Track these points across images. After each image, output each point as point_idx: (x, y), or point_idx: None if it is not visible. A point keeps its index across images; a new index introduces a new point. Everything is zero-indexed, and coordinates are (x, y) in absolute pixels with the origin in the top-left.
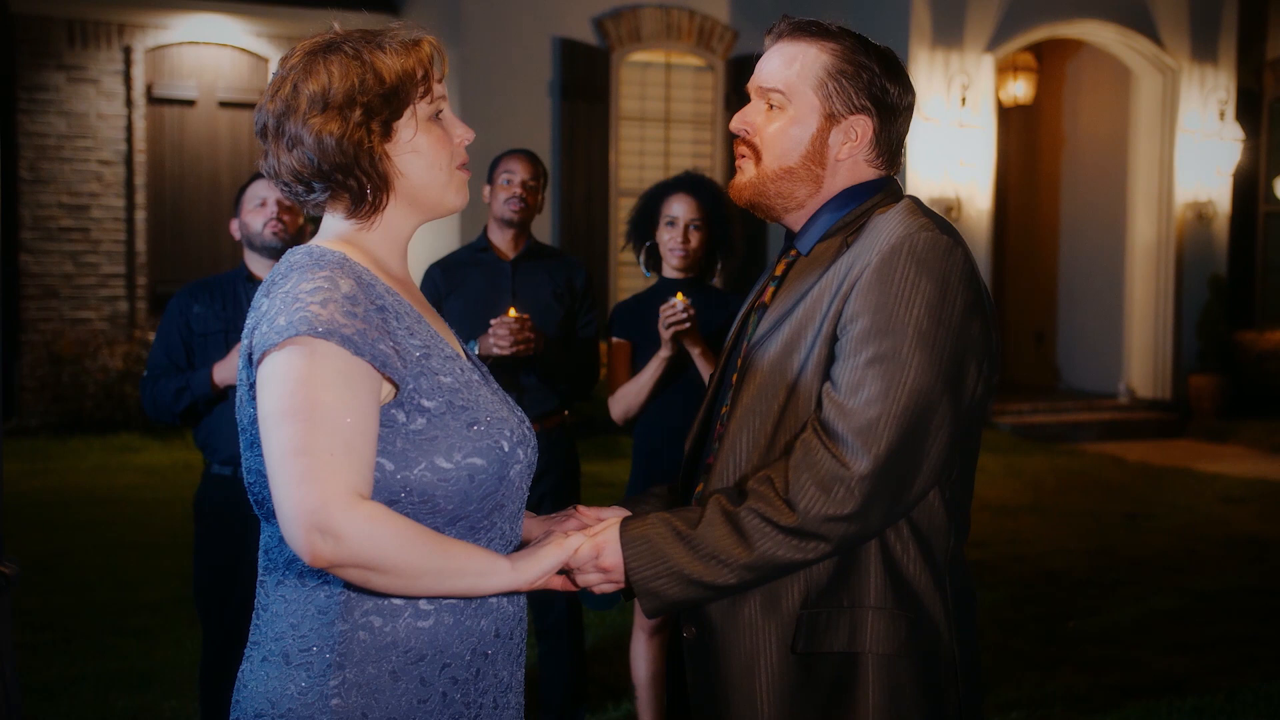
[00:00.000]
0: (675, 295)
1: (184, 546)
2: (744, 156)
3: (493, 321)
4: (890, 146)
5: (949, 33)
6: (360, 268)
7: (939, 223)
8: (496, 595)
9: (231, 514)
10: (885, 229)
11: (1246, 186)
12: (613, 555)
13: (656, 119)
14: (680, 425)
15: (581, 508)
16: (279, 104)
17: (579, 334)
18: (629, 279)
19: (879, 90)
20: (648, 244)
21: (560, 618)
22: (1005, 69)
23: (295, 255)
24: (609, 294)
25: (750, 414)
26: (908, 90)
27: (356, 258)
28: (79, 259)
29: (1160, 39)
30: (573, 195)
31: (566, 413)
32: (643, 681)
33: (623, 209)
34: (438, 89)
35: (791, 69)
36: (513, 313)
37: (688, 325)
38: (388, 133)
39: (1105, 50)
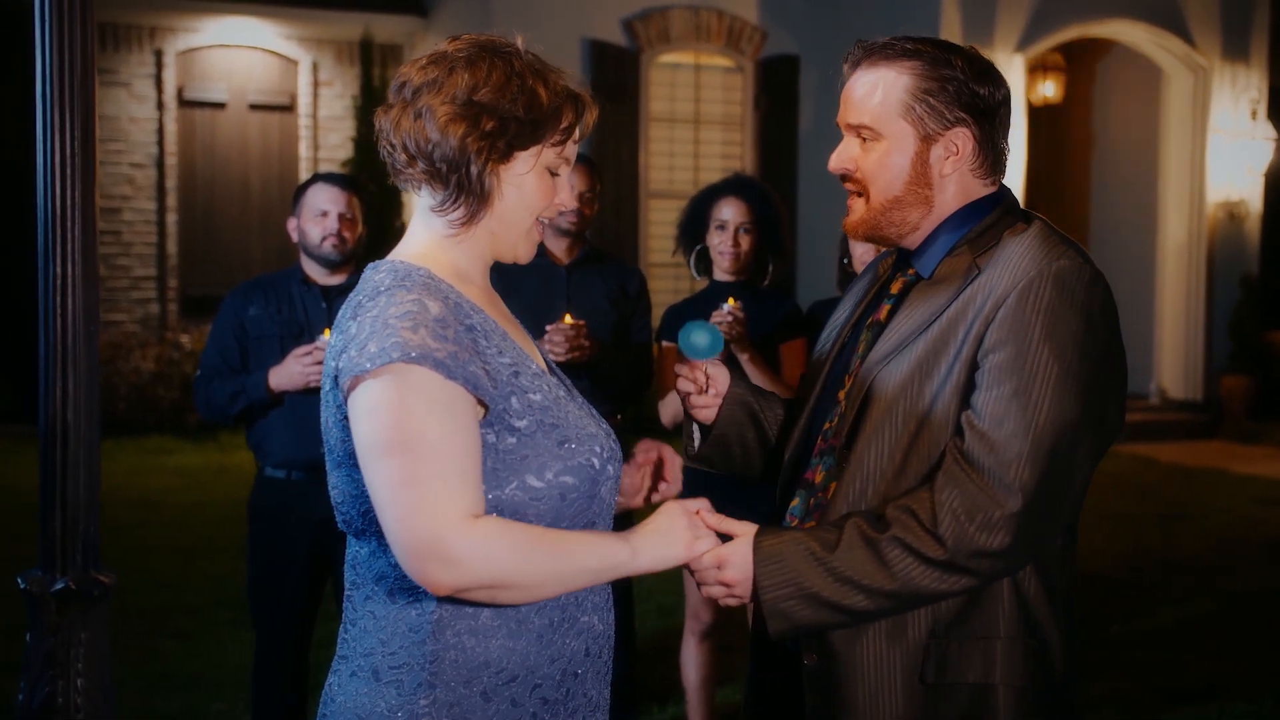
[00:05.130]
0: (726, 300)
1: (220, 549)
2: (853, 195)
3: (548, 328)
4: (994, 151)
5: (979, 33)
6: (445, 285)
7: (1077, 250)
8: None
9: (284, 517)
10: (1025, 255)
11: (1279, 186)
12: (738, 570)
13: (686, 120)
14: None
15: (658, 452)
16: (428, 75)
17: (633, 339)
18: (659, 280)
19: (969, 97)
20: (698, 248)
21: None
22: (1035, 69)
23: (379, 274)
24: None
25: (878, 436)
26: (999, 85)
27: (441, 272)
28: (111, 262)
29: (1191, 38)
30: (602, 197)
31: (619, 416)
32: (693, 686)
33: (653, 210)
34: (570, 149)
35: (874, 99)
36: (568, 319)
37: (736, 333)
38: (507, 156)
39: (1135, 49)
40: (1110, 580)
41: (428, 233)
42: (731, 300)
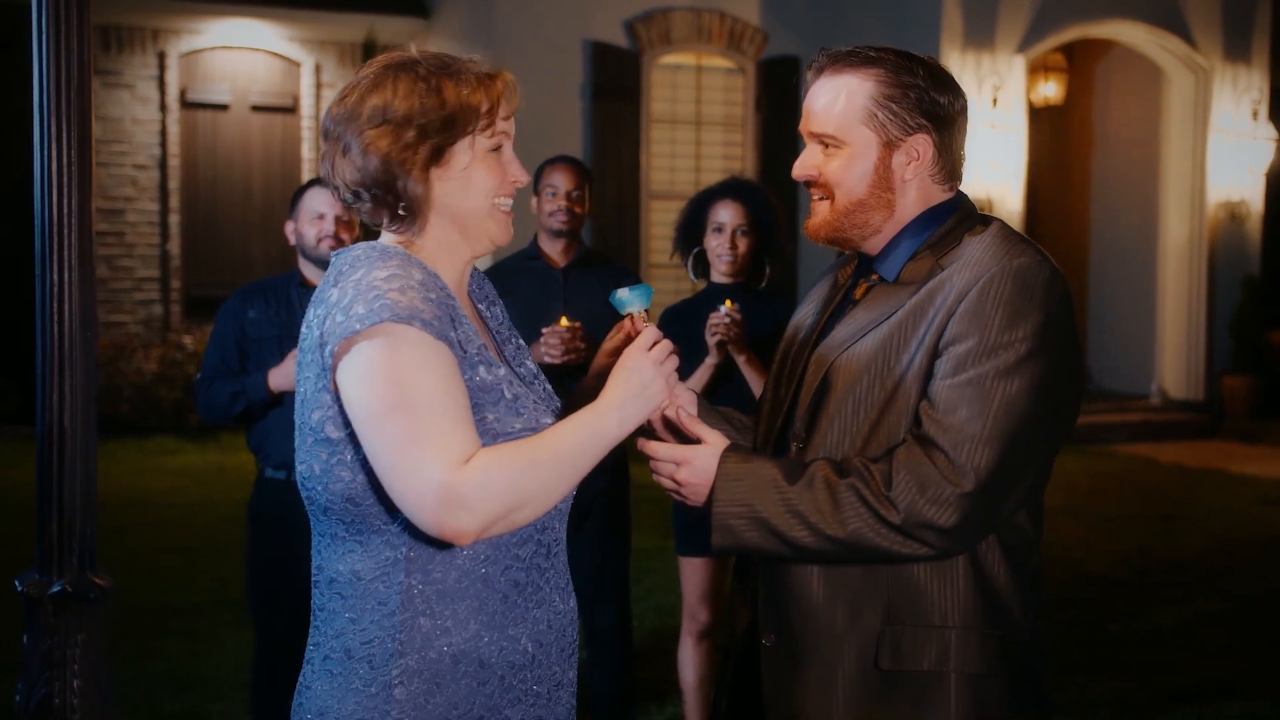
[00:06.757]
0: (724, 302)
1: (223, 550)
2: (818, 198)
3: (544, 330)
4: (953, 158)
5: (980, 34)
6: (423, 263)
7: (1035, 248)
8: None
9: (284, 519)
10: (987, 253)
11: None
12: (697, 476)
13: (688, 121)
14: None
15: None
16: (343, 110)
17: None
18: (660, 281)
19: (929, 105)
20: (695, 250)
21: (610, 622)
22: (1036, 69)
23: (357, 250)
24: None
25: (839, 416)
26: (958, 96)
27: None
28: (114, 263)
29: (1192, 38)
30: (604, 198)
31: None
32: (690, 686)
33: (654, 211)
34: (502, 124)
35: (837, 107)
36: (564, 322)
37: (733, 334)
38: (438, 157)
39: (1137, 50)
40: (1111, 580)
41: (393, 236)
42: (729, 302)
